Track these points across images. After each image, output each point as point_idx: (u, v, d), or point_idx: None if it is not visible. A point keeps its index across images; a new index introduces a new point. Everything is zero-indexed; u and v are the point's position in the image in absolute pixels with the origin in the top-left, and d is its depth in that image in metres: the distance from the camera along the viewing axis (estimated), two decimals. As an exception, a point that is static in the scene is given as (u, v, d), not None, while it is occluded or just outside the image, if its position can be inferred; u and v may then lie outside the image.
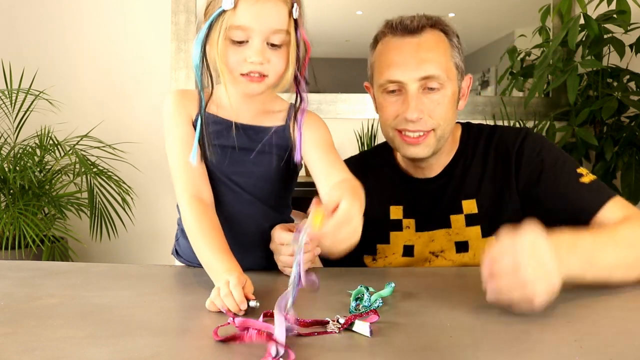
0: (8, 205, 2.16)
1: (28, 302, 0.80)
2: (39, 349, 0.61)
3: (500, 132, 1.19)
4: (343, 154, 1.29)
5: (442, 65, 1.11)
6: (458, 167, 1.19)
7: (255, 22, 0.87)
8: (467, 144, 1.20)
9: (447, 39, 1.14)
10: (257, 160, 0.97)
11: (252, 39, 0.88)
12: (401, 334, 0.67)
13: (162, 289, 0.92)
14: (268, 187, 1.00)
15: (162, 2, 2.67)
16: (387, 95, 1.14)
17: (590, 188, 1.06)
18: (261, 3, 0.87)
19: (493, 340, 0.66)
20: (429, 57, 1.10)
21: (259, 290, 0.90)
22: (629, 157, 2.24)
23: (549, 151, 1.12)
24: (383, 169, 1.25)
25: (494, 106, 2.65)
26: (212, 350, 0.61)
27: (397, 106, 1.13)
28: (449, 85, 1.13)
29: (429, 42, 1.12)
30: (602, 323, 0.73)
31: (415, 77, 1.10)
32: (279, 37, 0.89)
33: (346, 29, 2.73)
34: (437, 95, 1.11)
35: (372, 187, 1.17)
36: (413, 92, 1.10)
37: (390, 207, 1.20)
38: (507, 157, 1.15)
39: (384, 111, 1.16)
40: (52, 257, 2.17)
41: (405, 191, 1.21)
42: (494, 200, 1.14)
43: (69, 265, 1.08)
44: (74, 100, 2.62)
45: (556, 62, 2.27)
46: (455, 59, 1.15)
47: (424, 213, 1.18)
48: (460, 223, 1.15)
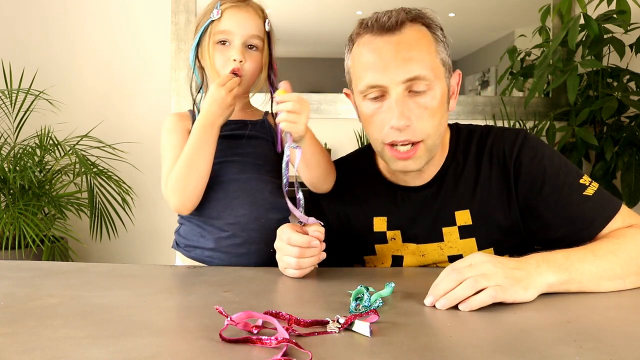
0: (8, 205, 2.16)
1: (28, 302, 0.80)
2: (39, 349, 0.61)
3: (494, 135, 1.09)
4: (343, 154, 1.29)
5: (427, 63, 0.99)
6: (449, 174, 1.09)
7: (236, 27, 1.10)
8: (457, 148, 1.11)
9: (430, 33, 1.01)
10: (249, 143, 1.15)
11: (233, 41, 1.10)
12: (401, 334, 0.67)
13: (162, 289, 0.92)
14: (262, 160, 1.14)
15: (162, 2, 2.67)
16: (369, 103, 1.03)
17: (595, 202, 1.00)
18: (241, 13, 1.10)
19: (493, 340, 0.66)
20: (411, 55, 0.98)
21: (260, 289, 0.90)
22: (629, 157, 2.24)
23: (551, 159, 1.04)
24: (365, 177, 1.16)
25: (494, 106, 2.66)
26: (212, 350, 0.61)
27: (382, 115, 1.01)
28: (437, 85, 1.00)
29: (410, 38, 0.99)
30: (602, 323, 0.73)
31: (398, 79, 0.98)
32: (255, 41, 1.11)
33: (346, 29, 2.72)
34: (425, 99, 0.99)
35: (353, 198, 1.15)
36: (398, 96, 0.98)
37: (374, 219, 1.12)
38: (503, 163, 1.06)
39: (369, 124, 1.05)
40: (52, 257, 2.17)
41: (389, 201, 1.12)
42: (490, 211, 1.06)
43: (69, 265, 1.08)
44: (74, 100, 2.63)
45: (556, 62, 2.27)
46: (442, 54, 1.02)
47: (410, 224, 1.09)
48: (454, 236, 1.07)
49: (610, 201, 1.01)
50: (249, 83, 1.14)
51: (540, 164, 1.04)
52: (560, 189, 1.02)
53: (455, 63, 2.79)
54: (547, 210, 1.03)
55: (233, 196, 1.10)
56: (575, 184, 1.02)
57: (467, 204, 1.07)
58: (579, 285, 0.84)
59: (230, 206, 1.10)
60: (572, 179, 1.02)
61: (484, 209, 1.06)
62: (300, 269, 0.95)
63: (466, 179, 1.08)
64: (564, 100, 2.55)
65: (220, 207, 1.10)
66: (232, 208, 1.10)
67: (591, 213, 0.99)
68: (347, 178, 1.16)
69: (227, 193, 1.10)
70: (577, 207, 1.00)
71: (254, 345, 0.63)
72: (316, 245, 0.94)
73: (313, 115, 2.62)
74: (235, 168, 1.12)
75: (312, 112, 2.59)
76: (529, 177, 1.04)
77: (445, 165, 1.10)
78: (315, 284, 0.95)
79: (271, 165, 1.15)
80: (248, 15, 1.11)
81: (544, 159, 1.04)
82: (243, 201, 1.10)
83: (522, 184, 1.05)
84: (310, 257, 0.95)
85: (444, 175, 1.10)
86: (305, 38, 2.75)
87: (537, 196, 1.03)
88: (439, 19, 1.05)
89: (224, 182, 1.11)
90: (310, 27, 2.75)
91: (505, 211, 1.06)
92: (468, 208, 1.07)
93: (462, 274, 0.78)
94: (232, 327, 0.67)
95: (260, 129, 1.16)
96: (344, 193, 1.16)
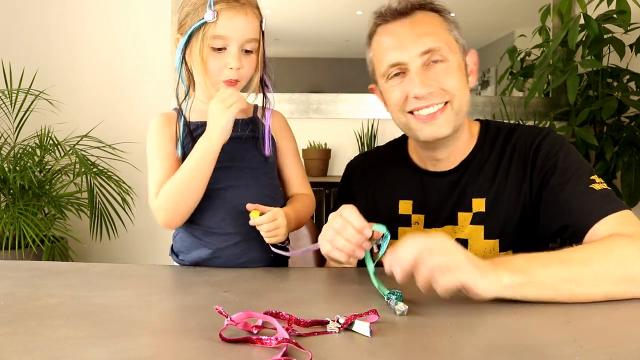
0: (8, 205, 2.16)
1: (28, 302, 0.80)
2: (39, 349, 0.61)
3: (520, 131, 1.13)
4: (343, 154, 1.30)
5: (441, 37, 1.06)
6: (473, 163, 1.13)
7: (233, 32, 1.03)
8: (485, 141, 1.15)
9: (440, 16, 1.09)
10: (243, 145, 1.11)
11: (230, 47, 1.04)
12: (401, 334, 0.67)
13: (162, 289, 0.92)
14: (258, 163, 1.11)
15: (162, 2, 2.67)
16: (392, 82, 1.08)
17: (598, 196, 0.98)
18: (239, 16, 1.03)
19: (493, 340, 0.66)
20: (425, 31, 1.05)
21: (260, 289, 0.90)
22: (629, 157, 2.24)
23: (566, 154, 1.05)
24: (395, 163, 1.21)
25: (494, 106, 2.66)
26: (212, 350, 0.61)
27: (402, 87, 1.07)
28: (453, 57, 1.07)
29: (423, 19, 1.07)
30: (602, 323, 0.73)
31: (415, 53, 1.04)
32: (251, 45, 1.06)
33: (346, 29, 2.73)
34: (442, 66, 1.05)
35: (381, 183, 1.19)
36: (417, 69, 1.04)
37: (400, 202, 1.16)
38: (524, 155, 1.09)
39: (391, 97, 1.09)
40: (52, 257, 2.17)
41: (416, 186, 1.17)
42: (502, 202, 1.09)
43: (69, 265, 1.08)
44: (74, 100, 2.63)
45: (556, 62, 2.27)
46: (454, 32, 1.09)
47: (433, 209, 1.14)
48: (467, 221, 1.10)
49: (615, 201, 0.98)
50: (243, 85, 1.11)
51: (555, 156, 1.05)
52: (567, 181, 1.02)
53: (455, 63, 2.80)
54: (552, 200, 1.03)
55: (232, 204, 1.07)
56: (583, 178, 1.01)
57: (485, 192, 1.10)
58: (537, 290, 0.81)
59: (230, 215, 1.07)
60: (581, 174, 1.02)
61: (497, 199, 1.09)
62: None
63: (488, 169, 1.12)
64: (564, 100, 2.55)
65: (218, 217, 1.07)
66: (231, 217, 1.07)
67: (591, 204, 0.98)
68: (379, 166, 1.22)
69: (225, 201, 1.07)
70: (579, 197, 0.99)
71: (254, 345, 0.63)
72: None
73: (313, 115, 2.62)
74: (232, 175, 1.08)
75: (312, 112, 2.62)
76: (543, 167, 1.06)
77: (472, 154, 1.14)
78: (315, 284, 0.95)
79: (266, 166, 1.12)
80: (245, 18, 1.04)
81: (559, 152, 1.06)
82: (242, 208, 1.05)
83: (536, 174, 1.07)
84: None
85: (469, 163, 1.13)
86: (305, 38, 2.75)
87: (545, 186, 1.04)
88: (448, 6, 1.12)
89: (221, 189, 1.07)
90: (310, 27, 2.75)
91: (516, 204, 1.08)
92: (485, 197, 1.10)
93: (425, 261, 0.78)
94: (232, 327, 0.67)
95: (252, 126, 1.13)
96: (374, 180, 1.22)
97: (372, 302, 0.81)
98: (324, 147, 2.59)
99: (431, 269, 0.77)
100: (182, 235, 1.12)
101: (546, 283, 0.81)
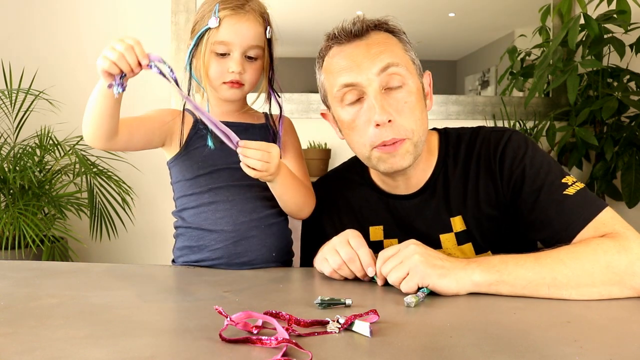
0: (8, 205, 2.16)
1: (28, 302, 0.80)
2: (39, 349, 0.61)
3: (482, 138, 1.08)
4: (343, 154, 1.30)
5: (398, 56, 1.02)
6: (439, 181, 1.08)
7: (235, 38, 1.05)
8: (447, 153, 1.09)
9: (395, 37, 1.05)
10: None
11: (232, 52, 1.06)
12: (401, 334, 0.67)
13: (162, 289, 0.92)
14: None
15: (162, 2, 2.67)
16: (348, 109, 1.02)
17: (574, 202, 0.95)
18: (241, 22, 1.05)
19: (493, 340, 0.66)
20: (381, 49, 1.01)
21: (260, 289, 0.90)
22: (629, 157, 2.24)
23: (532, 159, 1.02)
24: (358, 187, 1.15)
25: (494, 106, 2.65)
26: (212, 350, 0.61)
27: (363, 117, 1.01)
28: (411, 79, 1.02)
29: (378, 39, 1.03)
30: (602, 323, 0.73)
31: (373, 72, 0.99)
32: (254, 51, 1.07)
33: (346, 29, 2.73)
34: (401, 93, 1.00)
35: (351, 205, 1.15)
36: (375, 92, 0.99)
37: (370, 228, 1.12)
38: (489, 166, 1.05)
39: (352, 130, 1.03)
40: (52, 257, 2.17)
41: (383, 210, 1.12)
42: (482, 215, 1.05)
43: (69, 265, 1.08)
44: (74, 100, 2.62)
45: (556, 62, 2.27)
46: (410, 53, 1.05)
47: (407, 232, 1.07)
48: (452, 242, 1.06)
49: (591, 202, 0.96)
50: (248, 90, 1.11)
51: (521, 163, 1.02)
52: (539, 189, 0.99)
53: (455, 63, 2.80)
54: (528, 211, 1.00)
55: (232, 204, 1.07)
56: (555, 183, 0.98)
57: (459, 210, 1.07)
58: (511, 288, 0.84)
59: (230, 215, 1.07)
60: (552, 178, 0.99)
61: (475, 213, 1.06)
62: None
63: (456, 184, 1.07)
64: (564, 100, 2.54)
65: (219, 216, 1.07)
66: (231, 217, 1.07)
67: (568, 214, 0.95)
68: (341, 189, 1.17)
69: (225, 201, 1.08)
70: (555, 207, 0.97)
71: (254, 345, 0.63)
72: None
73: (313, 116, 2.62)
74: (235, 175, 1.07)
75: (312, 112, 2.62)
76: (511, 178, 1.03)
77: (435, 171, 1.09)
78: (315, 284, 0.95)
79: None
80: (248, 25, 1.05)
81: (524, 158, 1.02)
82: (242, 207, 1.07)
83: (505, 185, 1.04)
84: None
85: (434, 182, 1.09)
86: (305, 38, 2.75)
87: (518, 197, 1.02)
88: (401, 24, 1.08)
89: (222, 188, 1.08)
90: (310, 27, 2.75)
91: (496, 214, 1.05)
92: (460, 214, 1.06)
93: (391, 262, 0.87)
94: (232, 327, 0.67)
95: (263, 132, 1.13)
96: (339, 204, 1.16)
97: (372, 302, 0.81)
98: (324, 147, 2.59)
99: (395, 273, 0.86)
100: (182, 235, 1.12)
101: (519, 283, 0.84)
